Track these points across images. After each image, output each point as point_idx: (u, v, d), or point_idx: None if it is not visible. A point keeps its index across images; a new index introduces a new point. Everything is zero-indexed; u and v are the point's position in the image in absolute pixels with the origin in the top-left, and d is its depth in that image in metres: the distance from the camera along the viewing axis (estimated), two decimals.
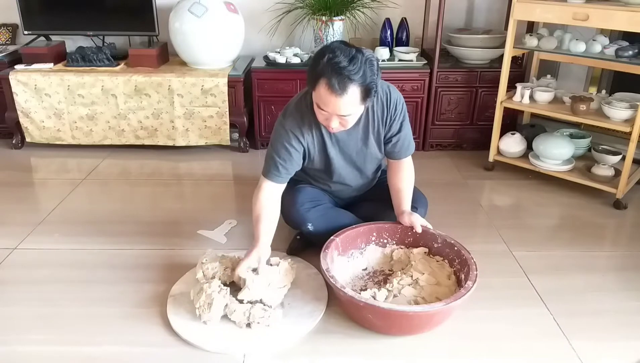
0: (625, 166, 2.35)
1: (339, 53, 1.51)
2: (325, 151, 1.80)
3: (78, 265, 1.94)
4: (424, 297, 1.66)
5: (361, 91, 1.54)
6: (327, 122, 1.63)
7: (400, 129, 1.81)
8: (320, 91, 1.55)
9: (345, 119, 1.61)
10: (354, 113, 1.61)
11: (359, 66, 1.50)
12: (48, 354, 1.52)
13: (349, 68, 1.49)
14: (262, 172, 1.77)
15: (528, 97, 2.61)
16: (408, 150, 1.86)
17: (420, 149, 3.08)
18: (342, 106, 1.55)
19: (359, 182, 1.97)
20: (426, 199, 2.05)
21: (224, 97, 2.84)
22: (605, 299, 1.79)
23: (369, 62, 1.53)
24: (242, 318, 1.58)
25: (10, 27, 3.25)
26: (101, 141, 2.96)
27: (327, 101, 1.55)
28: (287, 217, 1.96)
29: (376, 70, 1.56)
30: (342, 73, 1.49)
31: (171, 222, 2.25)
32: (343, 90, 1.51)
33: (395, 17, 3.13)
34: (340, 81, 1.50)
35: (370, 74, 1.53)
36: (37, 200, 2.51)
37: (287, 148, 1.73)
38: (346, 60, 1.50)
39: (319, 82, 1.53)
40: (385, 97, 1.76)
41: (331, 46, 1.55)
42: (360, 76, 1.51)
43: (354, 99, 1.54)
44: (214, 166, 2.89)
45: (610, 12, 2.21)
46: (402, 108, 1.80)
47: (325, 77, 1.51)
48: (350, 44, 1.56)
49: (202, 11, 2.80)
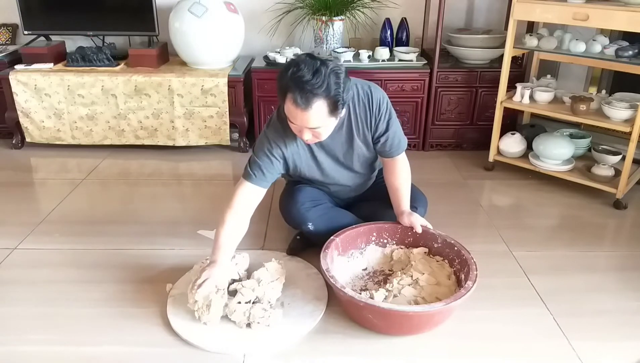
0: (625, 166, 2.35)
1: (303, 67, 1.49)
2: (314, 156, 1.80)
3: (78, 265, 1.94)
4: (424, 297, 1.66)
5: (328, 104, 1.52)
6: (300, 134, 1.62)
7: (388, 128, 1.78)
8: (287, 105, 1.54)
9: (316, 132, 1.60)
10: (323, 126, 1.59)
11: (323, 79, 1.48)
12: (48, 354, 1.52)
13: (312, 82, 1.47)
14: (242, 175, 1.75)
15: (528, 97, 2.61)
16: (399, 148, 1.83)
17: (420, 149, 3.08)
18: (309, 120, 1.54)
19: (355, 181, 1.96)
20: (426, 198, 2.05)
21: (224, 97, 2.84)
22: (605, 299, 1.79)
23: (334, 74, 1.51)
24: (242, 318, 1.59)
25: (10, 27, 3.25)
26: (101, 141, 2.96)
27: (295, 115, 1.55)
28: (287, 216, 1.96)
29: (342, 82, 1.52)
30: (304, 88, 1.48)
31: (171, 222, 2.25)
32: (307, 105, 1.50)
33: (395, 17, 3.13)
34: (304, 96, 1.48)
35: (335, 87, 1.51)
36: (37, 200, 2.51)
37: (268, 156, 1.72)
38: (309, 74, 1.48)
39: (286, 97, 1.53)
40: (367, 99, 1.74)
41: (297, 59, 1.54)
42: (323, 89, 1.49)
43: (321, 113, 1.53)
44: (214, 166, 2.89)
45: (610, 12, 2.21)
46: (386, 107, 1.76)
47: (290, 92, 1.50)
48: (316, 57, 1.54)
49: (202, 11, 2.80)
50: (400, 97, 2.93)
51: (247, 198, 1.72)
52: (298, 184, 1.97)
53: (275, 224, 2.20)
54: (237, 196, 1.71)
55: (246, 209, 1.72)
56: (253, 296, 1.64)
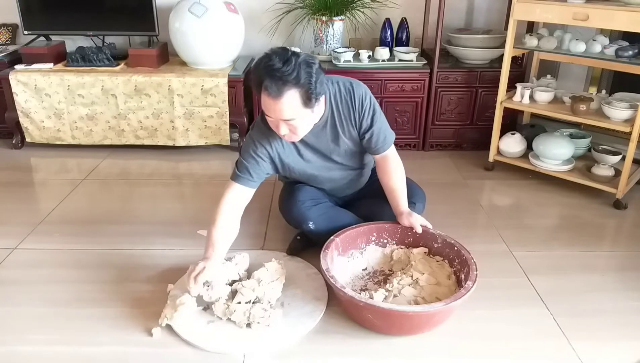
0: (625, 166, 2.35)
1: (274, 57, 1.51)
2: (300, 154, 1.80)
3: (78, 265, 1.94)
4: (424, 297, 1.66)
5: (300, 94, 1.52)
6: (277, 129, 1.62)
7: (373, 124, 1.77)
8: (262, 98, 1.55)
9: (292, 125, 1.59)
10: (298, 118, 1.58)
11: (293, 67, 1.49)
12: (48, 354, 1.52)
13: (282, 70, 1.48)
14: (230, 177, 1.76)
15: (528, 97, 2.61)
16: (385, 143, 1.82)
17: (420, 149, 3.08)
18: (282, 110, 1.54)
19: (349, 176, 1.94)
20: (423, 192, 2.04)
21: (224, 97, 2.84)
22: (605, 299, 1.79)
23: (305, 63, 1.52)
24: (242, 318, 1.59)
25: (10, 27, 3.25)
26: (101, 141, 2.96)
27: (268, 106, 1.55)
28: (287, 215, 1.96)
29: (314, 72, 1.53)
30: (275, 75, 1.49)
31: (171, 222, 2.25)
32: (279, 93, 1.50)
33: (395, 17, 3.13)
34: (275, 84, 1.49)
35: (306, 75, 1.51)
36: (37, 200, 2.51)
37: (254, 156, 1.73)
38: (280, 62, 1.49)
39: (260, 89, 1.53)
40: (349, 96, 1.74)
41: (269, 51, 1.55)
42: (294, 77, 1.49)
43: (293, 103, 1.53)
44: (214, 166, 2.89)
45: (610, 12, 2.21)
46: (369, 102, 1.76)
47: (262, 82, 1.51)
48: (289, 49, 1.55)
49: (202, 11, 2.80)
50: (400, 97, 2.93)
51: (235, 198, 1.73)
52: (297, 183, 1.97)
53: (276, 224, 2.20)
54: (225, 197, 1.72)
55: (235, 209, 1.73)
56: (253, 296, 1.64)
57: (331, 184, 1.96)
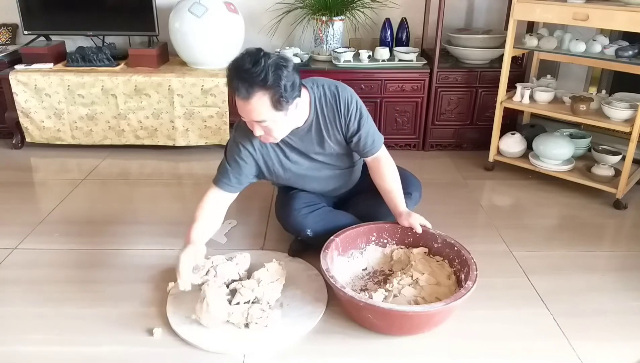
0: (625, 166, 2.35)
1: (245, 57, 1.50)
2: (286, 156, 1.79)
3: (78, 265, 1.95)
4: (424, 297, 1.66)
5: (269, 97, 1.50)
6: (252, 130, 1.61)
7: (360, 128, 1.75)
8: (235, 99, 1.55)
9: (265, 127, 1.58)
10: (269, 120, 1.56)
11: (261, 69, 1.47)
12: (48, 354, 1.52)
13: (250, 71, 1.47)
14: (213, 180, 1.76)
15: (528, 97, 2.61)
16: (374, 146, 1.80)
17: (420, 149, 3.08)
18: (252, 111, 1.53)
19: (341, 176, 1.93)
20: (419, 182, 2.03)
21: (224, 97, 2.84)
22: (605, 299, 1.79)
23: (275, 65, 1.49)
24: (240, 318, 1.59)
25: (10, 27, 3.25)
26: (101, 141, 2.96)
27: (239, 107, 1.55)
28: (285, 224, 1.96)
29: (285, 75, 1.49)
30: (243, 77, 1.48)
31: (171, 222, 2.25)
32: (247, 95, 1.49)
33: (395, 17, 3.13)
34: (243, 85, 1.48)
35: (274, 78, 1.48)
36: (37, 200, 2.51)
37: (237, 160, 1.72)
38: (249, 63, 1.48)
39: (232, 90, 1.53)
40: (334, 100, 1.72)
41: (244, 51, 1.54)
42: (261, 79, 1.47)
43: (263, 105, 1.51)
44: (214, 166, 2.82)
45: (610, 12, 2.21)
46: (356, 106, 1.74)
47: (233, 82, 1.50)
48: (262, 50, 1.54)
49: (202, 11, 2.80)
50: (400, 97, 2.93)
51: (216, 201, 1.75)
52: (291, 190, 1.95)
53: (276, 224, 2.19)
54: (206, 198, 1.74)
55: (215, 211, 1.76)
56: (252, 297, 1.64)
57: (322, 184, 1.93)
